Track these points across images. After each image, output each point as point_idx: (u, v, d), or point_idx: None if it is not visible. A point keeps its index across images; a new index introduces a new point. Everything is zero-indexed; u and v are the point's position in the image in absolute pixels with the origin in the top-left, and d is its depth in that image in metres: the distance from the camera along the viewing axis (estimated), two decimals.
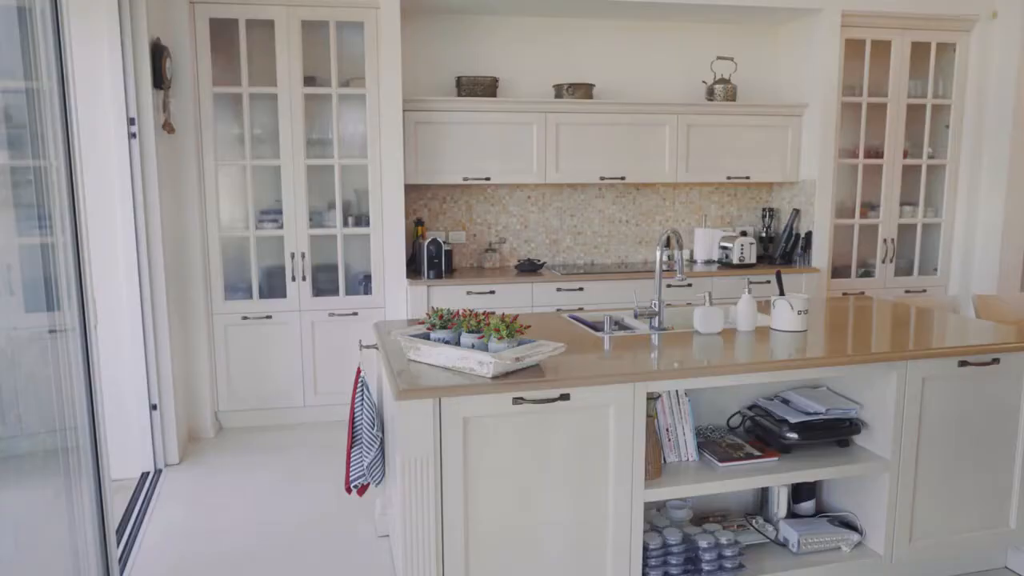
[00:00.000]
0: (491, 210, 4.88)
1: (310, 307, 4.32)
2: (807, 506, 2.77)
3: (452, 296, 4.31)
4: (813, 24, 4.76)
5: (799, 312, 2.71)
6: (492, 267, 4.77)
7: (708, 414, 2.77)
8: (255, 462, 3.81)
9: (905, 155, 5.07)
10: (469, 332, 2.22)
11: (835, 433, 2.55)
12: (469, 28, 4.72)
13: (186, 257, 4.07)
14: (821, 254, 4.91)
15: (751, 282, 4.70)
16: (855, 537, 2.61)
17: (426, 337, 2.32)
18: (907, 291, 5.18)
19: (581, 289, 4.48)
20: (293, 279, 4.29)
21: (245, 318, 4.26)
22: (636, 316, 2.81)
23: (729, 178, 4.87)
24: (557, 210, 4.98)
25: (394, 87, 4.20)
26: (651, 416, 2.41)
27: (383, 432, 2.74)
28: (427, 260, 4.33)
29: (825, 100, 4.75)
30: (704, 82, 5.03)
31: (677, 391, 2.46)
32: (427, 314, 2.37)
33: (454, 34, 4.71)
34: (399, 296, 4.37)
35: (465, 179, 4.49)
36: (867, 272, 5.16)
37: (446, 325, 2.29)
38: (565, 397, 2.13)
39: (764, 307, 3.06)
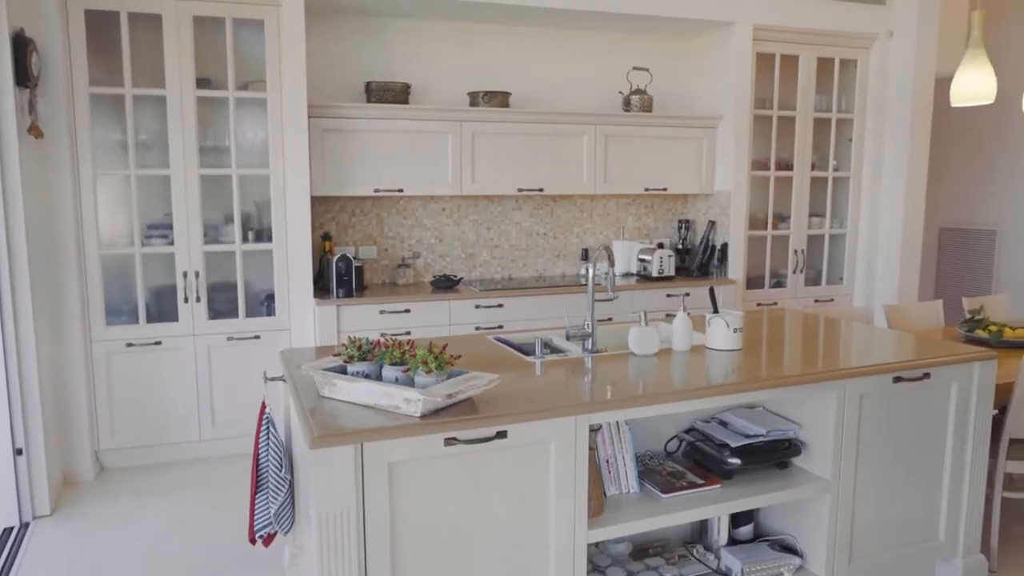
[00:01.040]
0: (404, 223, 4.62)
1: (206, 331, 3.93)
2: (746, 531, 2.67)
3: (364, 316, 4.02)
4: (727, 37, 4.78)
5: (735, 330, 2.62)
6: (406, 284, 4.52)
7: (645, 440, 2.63)
8: (143, 507, 3.40)
9: (813, 167, 5.17)
10: (392, 365, 1.98)
11: (775, 455, 2.46)
12: (379, 31, 4.46)
13: (59, 277, 3.61)
14: (736, 265, 4.93)
15: (669, 295, 4.65)
16: (796, 561, 2.53)
17: (342, 371, 2.06)
18: (816, 300, 5.29)
19: (500, 306, 4.29)
20: (186, 300, 3.89)
21: (130, 345, 3.82)
22: (568, 338, 2.64)
23: (647, 189, 4.82)
24: (473, 223, 4.78)
25: (298, 91, 3.89)
26: (591, 448, 2.24)
27: (292, 474, 2.44)
28: (336, 277, 4.03)
29: (739, 112, 4.78)
30: (621, 92, 4.96)
31: (618, 421, 2.30)
32: (343, 344, 2.11)
33: (363, 37, 4.44)
34: (306, 317, 4.04)
35: (376, 191, 4.22)
36: (779, 282, 5.23)
37: (365, 357, 2.04)
38: (502, 435, 1.92)
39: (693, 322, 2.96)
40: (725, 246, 4.92)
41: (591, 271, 2.64)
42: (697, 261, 5.03)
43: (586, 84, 4.92)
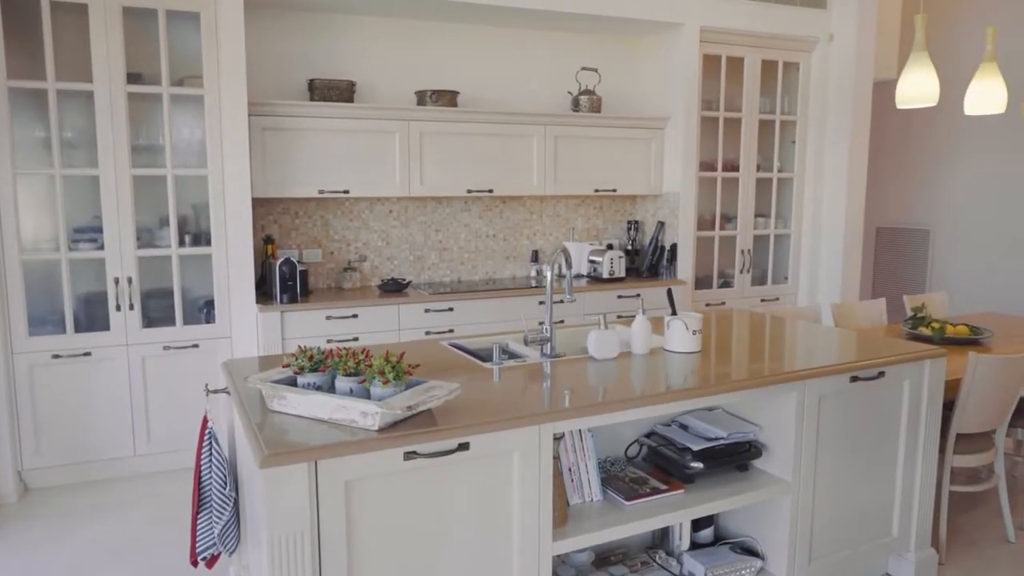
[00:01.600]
0: (350, 226, 4.48)
1: (140, 340, 3.72)
2: (706, 534, 2.65)
3: (310, 322, 3.87)
4: (674, 38, 4.79)
5: (694, 332, 2.59)
6: (353, 288, 4.38)
7: (606, 445, 2.58)
8: (73, 530, 3.18)
9: (758, 168, 5.24)
10: (346, 375, 1.87)
11: (737, 458, 2.44)
12: (323, 27, 4.31)
13: None
14: (685, 266, 4.95)
15: (620, 296, 4.64)
16: (757, 563, 2.52)
17: (292, 383, 1.94)
18: (763, 300, 5.36)
19: (451, 309, 4.20)
20: (118, 308, 3.67)
21: (56, 356, 3.58)
22: (527, 342, 2.58)
23: (597, 191, 4.79)
24: (421, 225, 4.67)
25: (237, 88, 3.71)
26: (554, 457, 2.17)
27: (237, 491, 2.30)
28: (280, 282, 3.86)
29: (687, 114, 4.80)
30: (570, 93, 4.93)
31: (581, 428, 2.24)
32: (293, 354, 1.98)
33: (306, 32, 4.28)
34: (248, 324, 3.86)
35: (321, 192, 4.07)
36: (726, 282, 5.28)
37: (317, 367, 1.93)
38: (464, 447, 1.84)
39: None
40: (674, 247, 4.94)
41: (550, 274, 2.58)
42: (647, 262, 5.04)
43: (535, 84, 4.87)
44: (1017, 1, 5.43)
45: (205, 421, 2.32)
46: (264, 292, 4.03)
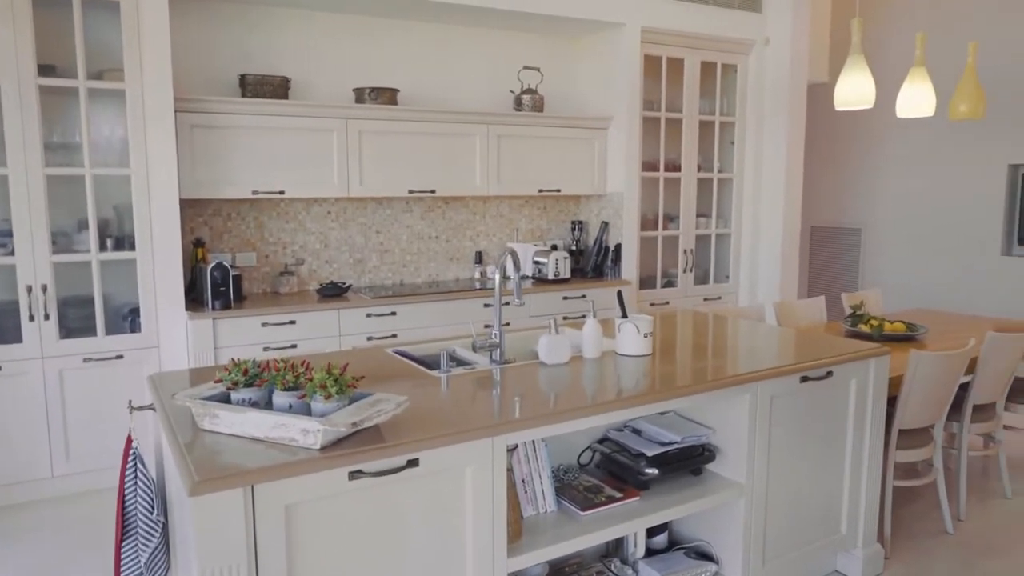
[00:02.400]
0: (286, 228, 4.30)
1: (57, 352, 3.46)
2: (661, 540, 2.61)
3: (244, 329, 3.68)
4: (616, 38, 4.77)
5: (646, 335, 2.55)
6: (290, 293, 4.19)
7: (557, 453, 2.51)
8: None
9: (699, 169, 5.28)
10: (285, 390, 1.74)
11: (691, 462, 2.40)
12: (256, 20, 4.11)
13: None
14: (630, 266, 4.94)
15: (566, 297, 4.59)
16: (712, 568, 2.49)
17: (226, 399, 1.80)
18: (705, 299, 5.40)
19: (394, 314, 4.06)
20: (31, 318, 3.41)
21: None
22: (475, 349, 2.48)
23: (541, 191, 4.73)
24: (361, 226, 4.51)
25: (162, 83, 3.50)
26: (507, 469, 2.08)
27: (166, 516, 2.14)
28: (211, 288, 3.66)
29: (629, 114, 4.79)
30: (512, 92, 4.86)
31: (534, 439, 2.17)
32: (225, 368, 1.84)
33: (238, 25, 4.08)
34: (177, 333, 3.65)
35: (255, 193, 3.88)
36: (670, 282, 5.30)
37: (253, 382, 1.79)
38: (413, 463, 1.73)
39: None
40: (619, 247, 4.92)
41: (498, 277, 2.49)
42: (591, 262, 5.01)
43: (477, 82, 4.78)
44: (944, 5, 5.63)
45: (129, 441, 2.14)
46: (194, 299, 3.82)
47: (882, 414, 2.77)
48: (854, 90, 3.31)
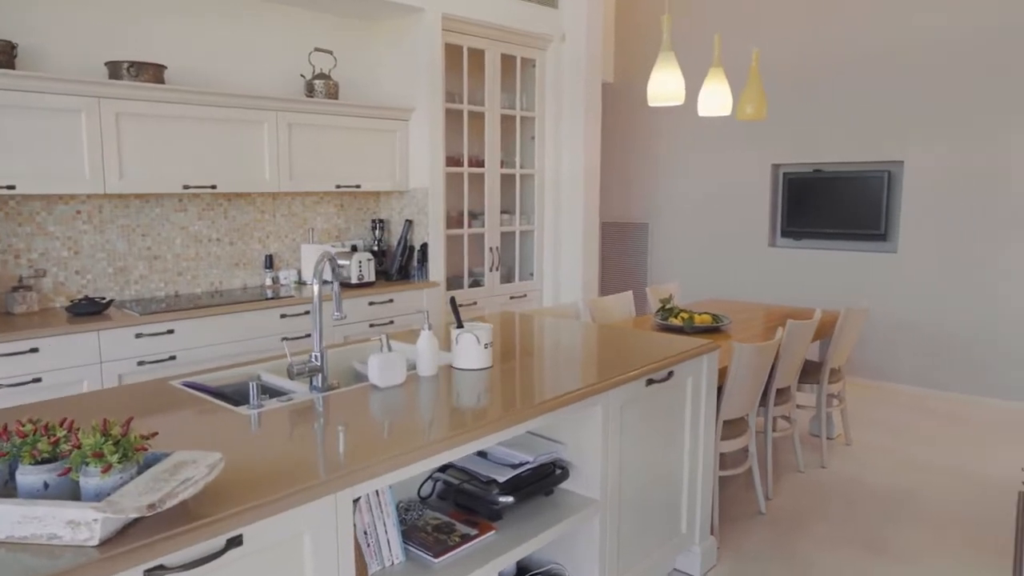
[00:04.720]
0: (19, 231, 3.45)
1: None
2: (508, 570, 2.38)
3: None
4: (415, 24, 4.47)
5: (486, 346, 2.29)
6: (28, 312, 3.37)
7: (396, 488, 2.18)
8: None
9: (502, 164, 5.15)
10: (36, 463, 1.23)
11: (545, 482, 2.19)
12: None
13: None
14: (437, 266, 4.67)
15: (372, 303, 4.21)
16: None
17: None
18: (512, 297, 5.30)
19: (171, 332, 3.42)
20: None
21: None
22: (293, 376, 2.06)
23: (338, 187, 4.30)
24: (123, 229, 3.77)
25: None
26: None
27: None
28: None
29: (431, 105, 4.51)
30: (303, 76, 4.35)
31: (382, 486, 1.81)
32: None
33: None
34: None
35: None
36: (476, 281, 5.12)
37: None
38: (235, 542, 1.31)
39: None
40: (424, 246, 4.63)
41: (317, 287, 2.09)
42: (396, 264, 4.66)
43: (263, 64, 4.21)
44: (738, 7, 6.04)
45: None
46: None
47: (714, 408, 2.78)
48: (665, 87, 3.33)
